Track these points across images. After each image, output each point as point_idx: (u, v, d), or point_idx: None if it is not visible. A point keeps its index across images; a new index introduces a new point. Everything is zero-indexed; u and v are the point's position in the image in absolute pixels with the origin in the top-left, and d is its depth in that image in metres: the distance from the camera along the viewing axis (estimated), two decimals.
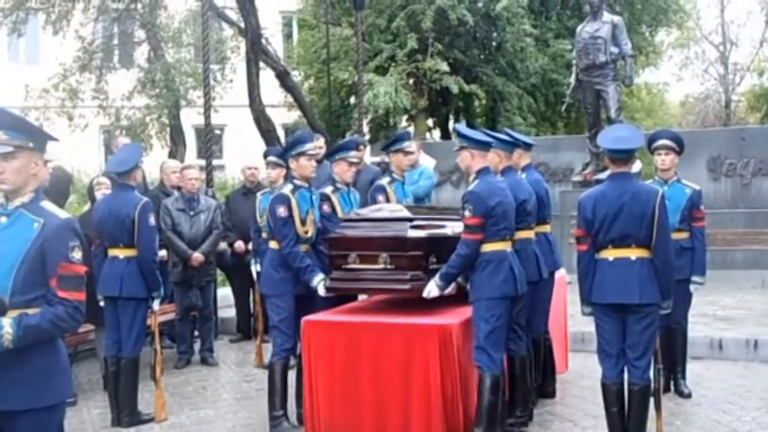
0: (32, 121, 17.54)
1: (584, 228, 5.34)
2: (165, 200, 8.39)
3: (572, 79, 12.97)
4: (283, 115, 21.61)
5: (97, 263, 6.57)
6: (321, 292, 5.96)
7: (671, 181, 6.56)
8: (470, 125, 22.58)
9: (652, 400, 5.29)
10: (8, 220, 3.40)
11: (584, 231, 5.34)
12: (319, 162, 8.74)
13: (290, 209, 6.02)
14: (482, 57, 20.45)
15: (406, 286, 5.71)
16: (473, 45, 20.13)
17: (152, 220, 6.47)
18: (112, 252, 6.46)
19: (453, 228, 5.94)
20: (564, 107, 15.09)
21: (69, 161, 18.18)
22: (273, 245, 6.15)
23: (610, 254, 5.26)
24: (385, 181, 7.12)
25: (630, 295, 5.17)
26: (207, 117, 10.53)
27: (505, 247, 5.49)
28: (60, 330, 3.38)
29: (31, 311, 3.30)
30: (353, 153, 6.66)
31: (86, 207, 8.61)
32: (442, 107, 21.04)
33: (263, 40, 16.72)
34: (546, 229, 6.46)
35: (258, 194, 8.22)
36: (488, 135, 5.86)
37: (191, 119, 18.71)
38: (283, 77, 17.30)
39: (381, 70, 18.38)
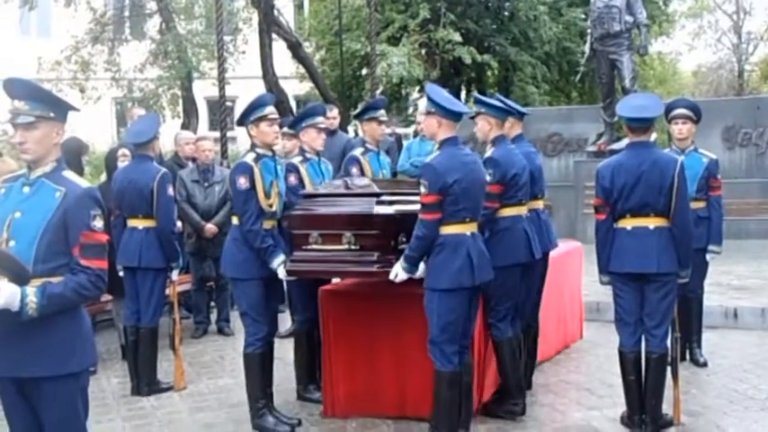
0: None
1: (602, 197, 5.33)
2: (179, 171, 8.42)
3: (586, 48, 12.91)
4: (295, 86, 21.59)
5: (116, 233, 6.60)
6: (281, 275, 5.42)
7: (688, 150, 6.53)
8: (484, 96, 22.49)
9: (669, 368, 5.32)
10: (31, 190, 3.43)
11: (603, 200, 5.33)
12: (333, 133, 8.80)
13: (252, 180, 5.41)
14: (495, 26, 20.34)
15: (373, 268, 5.19)
16: (485, 15, 20.02)
17: (170, 191, 6.50)
18: (131, 222, 6.49)
19: None
20: (578, 77, 15.03)
21: (82, 133, 18.29)
22: (235, 221, 5.55)
23: (628, 223, 5.26)
24: (358, 152, 6.61)
25: (649, 264, 5.17)
26: (221, 89, 10.54)
27: (465, 230, 4.89)
28: (83, 298, 3.41)
29: (54, 280, 3.33)
30: (321, 119, 6.15)
31: (102, 178, 8.65)
32: (454, 78, 20.95)
33: (275, 11, 16.67)
34: (538, 205, 6.03)
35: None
36: (478, 101, 5.71)
37: (203, 90, 18.71)
38: (295, 48, 17.27)
39: (393, 41, 18.31)
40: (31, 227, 3.36)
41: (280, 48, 17.51)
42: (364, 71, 18.90)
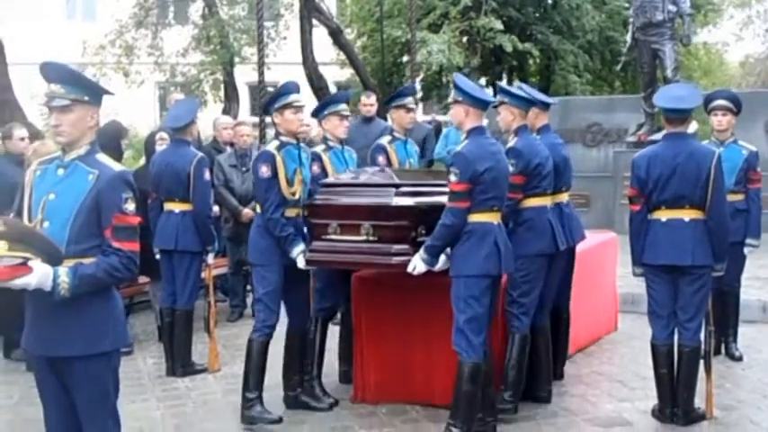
0: (89, 76, 17.85)
1: (637, 188, 5.30)
2: (217, 156, 8.49)
3: (628, 38, 12.78)
4: (336, 73, 21.64)
5: (153, 216, 6.71)
6: (300, 264, 5.38)
7: (727, 142, 6.45)
8: (525, 84, 22.36)
9: (702, 362, 5.28)
10: (65, 172, 3.49)
11: (638, 191, 5.30)
12: (371, 120, 8.81)
13: (274, 168, 5.38)
14: (537, 14, 20.22)
15: (391, 261, 5.14)
16: (528, 2, 19.89)
17: (207, 176, 6.57)
18: (168, 206, 6.58)
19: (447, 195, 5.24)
20: (619, 66, 14.89)
21: (126, 117, 18.53)
22: (258, 209, 5.57)
23: (663, 214, 5.23)
24: (385, 140, 6.55)
25: (683, 257, 5.14)
26: (261, 74, 10.60)
27: (492, 219, 4.88)
28: (115, 279, 3.46)
29: (86, 261, 3.38)
30: (343, 106, 5.98)
31: (142, 161, 8.76)
32: (495, 66, 20.87)
33: None
34: (562, 198, 5.87)
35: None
36: (502, 91, 5.66)
37: (245, 75, 18.82)
38: (336, 35, 17.30)
39: (434, 28, 18.27)
40: (65, 208, 3.42)
41: (321, 34, 17.56)
42: (405, 58, 18.89)
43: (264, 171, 5.38)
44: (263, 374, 5.53)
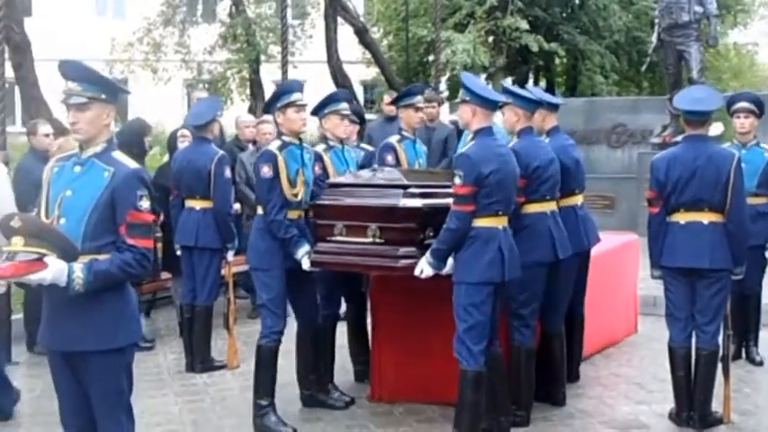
0: (117, 73, 17.95)
1: (656, 190, 5.28)
2: (239, 154, 8.54)
3: (654, 39, 12.70)
4: (362, 71, 21.67)
5: (175, 213, 6.78)
6: (305, 266, 5.28)
7: (749, 144, 6.40)
8: (551, 84, 22.31)
9: (720, 365, 5.25)
10: (81, 170, 3.54)
11: (656, 193, 5.28)
12: (393, 119, 8.82)
13: (276, 168, 5.27)
14: (564, 14, 20.15)
15: (397, 263, 5.01)
16: (555, 2, 19.82)
17: (228, 173, 6.61)
18: (189, 203, 6.64)
19: None
20: (645, 67, 14.80)
21: (153, 114, 18.67)
22: (260, 210, 5.44)
23: (681, 217, 5.20)
24: (394, 139, 6.42)
25: (701, 260, 5.11)
26: (284, 72, 10.64)
27: (497, 224, 4.75)
28: (128, 276, 3.50)
29: (101, 257, 3.43)
30: (344, 105, 5.85)
31: (166, 158, 8.84)
32: (521, 65, 20.81)
33: None
34: (574, 201, 5.79)
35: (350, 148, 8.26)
36: (506, 91, 5.49)
37: (271, 73, 18.87)
38: (362, 34, 17.33)
39: (460, 27, 18.26)
40: (81, 205, 3.47)
41: (347, 32, 17.59)
42: (431, 57, 18.89)
43: (266, 171, 5.27)
44: (274, 381, 5.44)
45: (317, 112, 5.84)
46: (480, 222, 4.71)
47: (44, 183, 3.63)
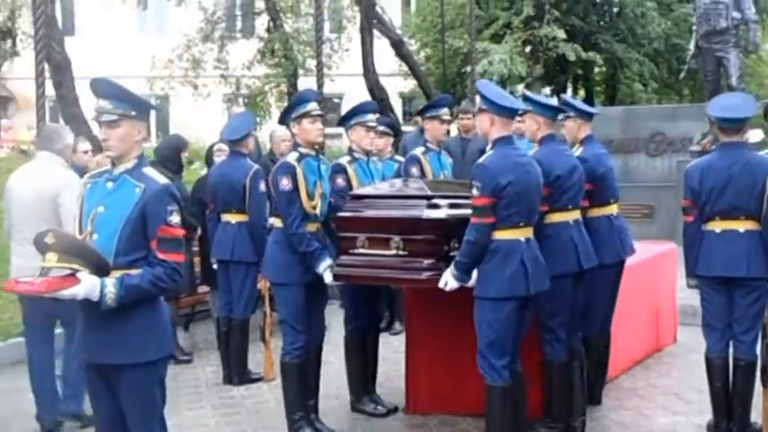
0: (158, 90, 18.18)
1: (690, 198, 5.23)
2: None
3: (692, 46, 12.59)
4: (400, 84, 21.73)
5: (211, 227, 6.86)
6: (327, 279, 5.21)
7: None
8: (590, 94, 22.19)
9: (759, 375, 5.17)
10: (113, 186, 3.60)
11: (691, 202, 5.23)
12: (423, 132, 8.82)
13: (294, 180, 5.17)
14: (601, 23, 20.06)
15: (421, 276, 4.90)
16: (592, 11, 19.73)
17: (263, 187, 6.65)
18: (225, 217, 6.70)
19: None
20: (683, 74, 14.67)
21: (194, 129, 18.90)
22: (278, 223, 5.36)
23: (717, 225, 5.15)
24: (419, 151, 6.36)
25: (738, 268, 5.05)
26: (320, 86, 10.69)
27: (519, 236, 4.61)
28: (159, 290, 3.56)
29: (132, 272, 3.49)
30: (370, 117, 5.79)
31: (204, 172, 8.93)
32: (559, 75, 20.73)
33: (379, 9, 16.83)
34: (609, 211, 5.68)
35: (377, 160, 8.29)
36: (526, 99, 5.35)
37: (310, 87, 19.03)
38: (398, 46, 17.41)
39: (497, 38, 18.24)
40: (113, 221, 3.53)
41: (384, 45, 17.67)
42: (468, 68, 18.90)
43: (285, 183, 5.17)
44: (304, 394, 5.38)
45: (343, 122, 5.84)
46: (501, 235, 4.60)
47: (77, 198, 3.70)
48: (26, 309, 5.68)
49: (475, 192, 4.57)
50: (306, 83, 18.14)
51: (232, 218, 6.66)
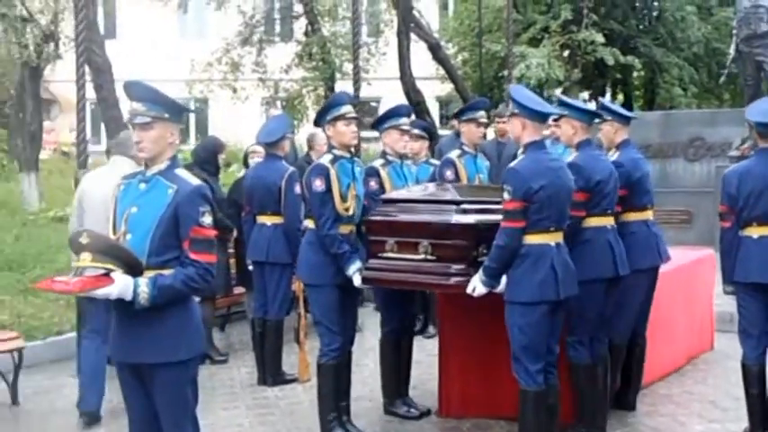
0: (197, 93, 18.29)
1: (727, 204, 5.20)
2: None
3: (732, 50, 12.46)
4: (436, 87, 21.70)
5: (246, 229, 6.93)
6: (356, 282, 5.22)
7: None
8: (628, 98, 22.01)
9: None
10: (146, 187, 3.66)
11: (728, 208, 5.20)
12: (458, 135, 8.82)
13: (328, 182, 5.19)
14: (640, 27, 19.89)
15: (449, 281, 4.91)
16: (631, 15, 19.59)
17: (298, 190, 6.69)
18: (260, 219, 6.76)
19: None
20: (722, 79, 14.52)
21: (233, 132, 19.04)
22: (311, 224, 5.37)
23: (754, 231, 5.11)
24: (454, 154, 6.40)
25: None
26: (356, 89, 10.74)
27: (549, 240, 4.61)
28: (192, 290, 3.60)
29: (165, 272, 3.53)
30: (404, 120, 5.82)
31: (241, 175, 9.01)
32: (598, 79, 20.59)
33: (416, 13, 16.84)
34: (646, 216, 5.67)
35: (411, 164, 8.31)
36: (561, 103, 5.39)
37: (348, 91, 19.06)
38: (435, 50, 17.39)
39: (535, 42, 18.16)
40: (146, 221, 3.58)
41: (422, 49, 17.67)
42: (505, 72, 18.85)
43: (318, 185, 5.19)
44: (338, 396, 5.40)
45: (377, 126, 5.87)
46: (532, 239, 4.59)
47: (111, 200, 3.77)
48: (83, 304, 5.84)
49: (506, 196, 4.57)
50: (343, 86, 18.17)
51: (267, 220, 6.73)
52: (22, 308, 7.94)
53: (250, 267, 6.91)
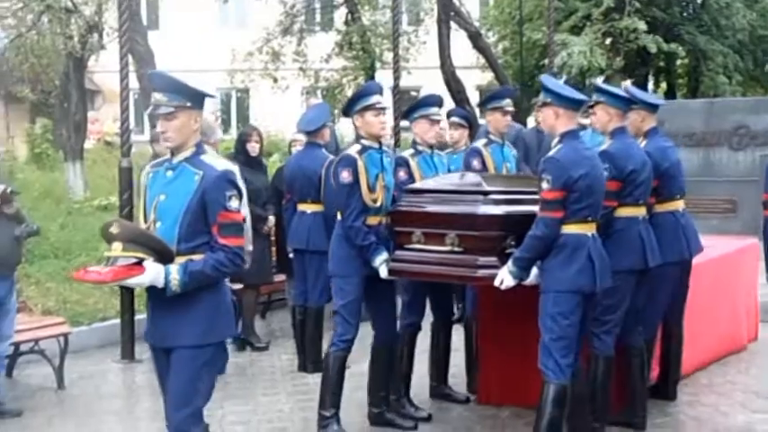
0: (238, 82, 18.35)
1: None
2: None
3: None
4: (477, 76, 21.62)
5: (287, 216, 6.99)
6: (383, 274, 5.13)
7: None
8: (671, 86, 21.76)
9: None
10: (173, 174, 3.69)
11: None
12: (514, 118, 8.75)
13: (355, 173, 5.10)
14: (684, 14, 19.64)
15: (476, 273, 4.82)
16: (674, 2, 19.34)
17: None
18: (301, 207, 6.82)
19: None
20: (767, 67, 14.31)
21: (273, 121, 19.13)
22: (339, 216, 5.30)
23: None
24: (480, 143, 6.27)
25: None
26: (396, 78, 10.73)
27: (587, 230, 4.54)
28: (222, 275, 3.64)
29: (195, 258, 3.58)
30: (435, 110, 5.75)
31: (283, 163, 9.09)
32: (640, 67, 20.36)
33: (456, 1, 16.78)
34: (675, 206, 5.55)
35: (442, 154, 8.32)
36: (597, 90, 5.25)
37: (386, 80, 19.04)
38: (475, 38, 17.31)
39: (576, 30, 18.02)
40: (174, 208, 3.63)
41: (462, 37, 17.60)
42: (546, 61, 18.71)
43: (345, 176, 5.11)
44: (339, 391, 5.37)
45: (407, 115, 5.84)
46: (569, 229, 4.51)
47: (141, 188, 3.83)
48: None
49: (545, 185, 4.49)
50: (383, 75, 18.17)
51: (308, 207, 6.78)
52: (67, 294, 8.09)
53: (290, 255, 6.96)
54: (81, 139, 14.95)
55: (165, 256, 3.53)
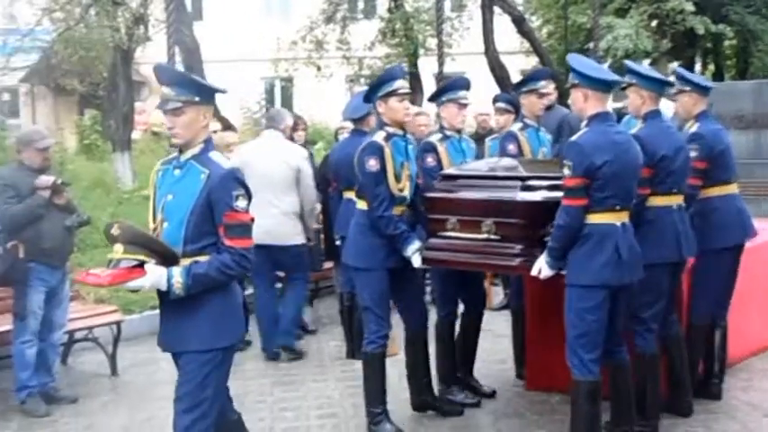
0: (282, 71, 18.38)
1: None
2: None
3: None
4: (521, 61, 21.46)
5: (333, 204, 7.01)
6: (416, 263, 4.96)
7: None
8: (720, 68, 21.40)
9: None
10: (180, 173, 3.58)
11: None
12: (550, 107, 8.72)
13: (382, 161, 4.92)
14: None
15: (514, 262, 4.66)
16: None
17: None
18: (347, 194, 6.81)
19: None
20: None
21: (318, 110, 19.18)
22: (362, 205, 5.12)
23: None
24: (516, 127, 6.10)
25: None
26: (440, 65, 10.74)
27: (614, 220, 4.33)
28: (227, 277, 3.51)
29: (201, 259, 3.47)
30: (463, 94, 5.52)
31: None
32: (687, 49, 20.07)
33: None
34: (729, 190, 5.38)
35: (487, 140, 8.29)
36: (630, 71, 5.00)
37: (429, 66, 18.99)
38: (519, 23, 17.17)
39: (621, 12, 17.81)
40: (180, 209, 3.52)
41: (506, 22, 17.49)
42: (591, 44, 18.52)
43: (372, 164, 4.92)
44: (384, 387, 5.27)
45: (434, 99, 5.68)
46: (594, 218, 4.33)
47: (150, 186, 3.73)
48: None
49: (566, 171, 4.32)
50: (427, 62, 18.14)
51: (353, 195, 6.76)
52: None
53: (338, 242, 6.98)
54: (129, 130, 15.15)
55: (168, 259, 3.43)
